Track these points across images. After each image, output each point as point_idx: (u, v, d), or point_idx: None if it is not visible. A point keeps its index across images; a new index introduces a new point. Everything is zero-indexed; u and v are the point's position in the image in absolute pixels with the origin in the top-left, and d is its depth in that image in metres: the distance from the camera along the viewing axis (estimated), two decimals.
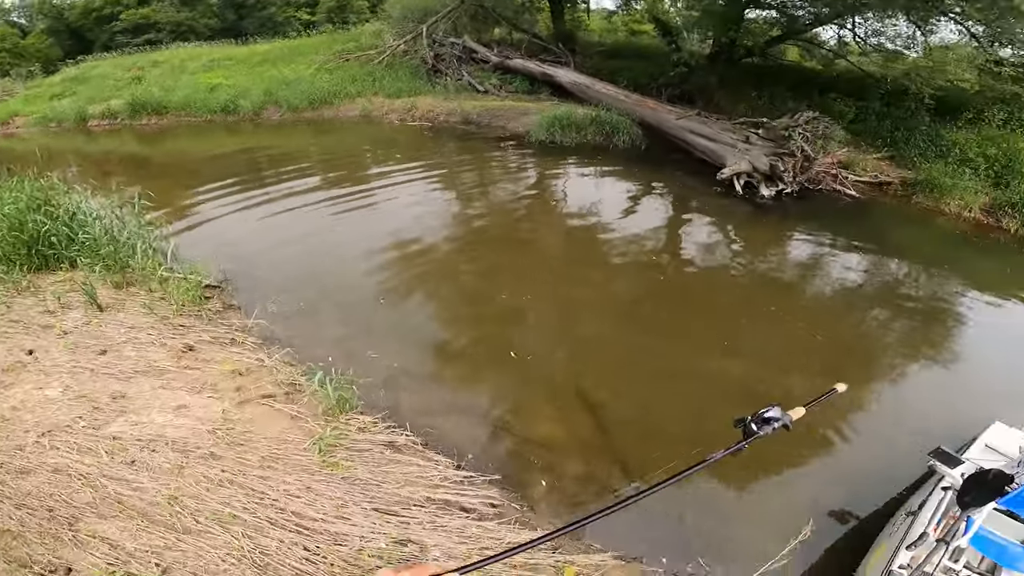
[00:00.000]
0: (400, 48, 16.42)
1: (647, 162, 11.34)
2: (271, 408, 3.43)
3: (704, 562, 3.10)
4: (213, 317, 4.61)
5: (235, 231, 6.90)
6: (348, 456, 3.04)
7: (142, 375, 3.46)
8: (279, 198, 8.17)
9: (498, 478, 3.29)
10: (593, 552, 2.84)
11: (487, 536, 2.64)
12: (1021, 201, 9.67)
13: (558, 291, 5.99)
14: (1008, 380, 5.48)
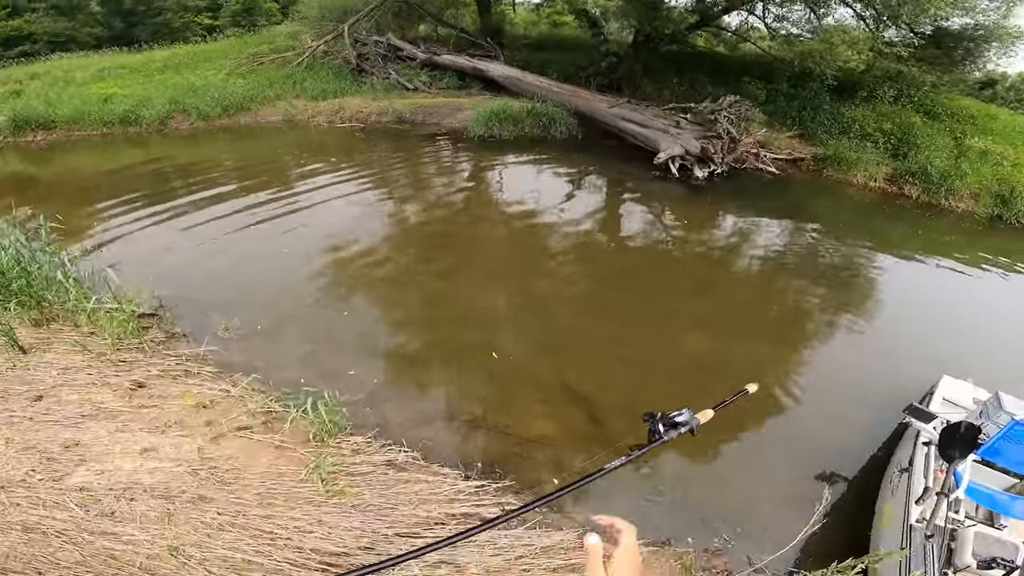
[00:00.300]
0: (320, 49, 15.63)
1: (585, 151, 11.54)
2: (251, 440, 3.10)
3: (727, 538, 3.18)
4: (157, 349, 4.12)
5: (154, 252, 6.17)
6: (351, 482, 2.81)
7: (91, 419, 3.01)
8: (197, 212, 7.42)
9: (509, 483, 3.19)
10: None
11: (520, 545, 2.53)
12: (919, 170, 10.82)
13: (520, 286, 5.96)
14: (934, 332, 6.10)
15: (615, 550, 0.84)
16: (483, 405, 4.08)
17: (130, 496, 2.40)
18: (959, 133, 11.87)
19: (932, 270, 8.19)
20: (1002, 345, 5.98)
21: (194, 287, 5.37)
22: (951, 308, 7.01)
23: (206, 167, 9.69)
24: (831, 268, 7.77)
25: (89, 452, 2.71)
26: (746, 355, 5.25)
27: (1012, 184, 10.31)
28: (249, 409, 3.39)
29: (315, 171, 9.36)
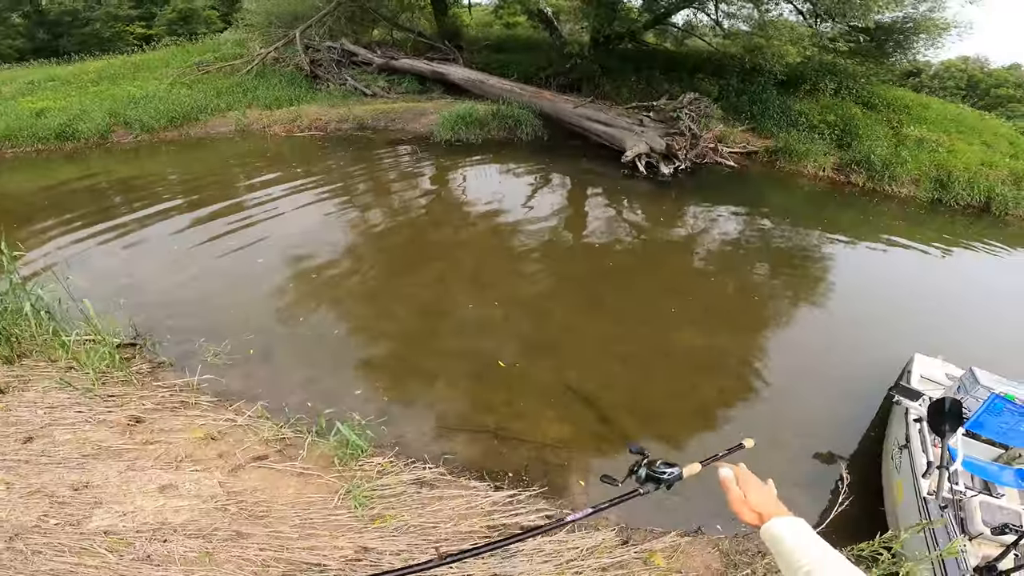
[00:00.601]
0: (271, 56, 15.08)
1: (552, 152, 11.65)
2: (270, 470, 2.97)
3: None
4: (145, 381, 3.87)
5: (115, 275, 5.75)
6: (387, 504, 2.74)
7: (94, 459, 2.79)
8: (152, 229, 6.97)
9: (538, 490, 3.19)
10: (659, 536, 2.87)
11: (566, 549, 2.55)
12: (863, 159, 11.53)
13: (507, 291, 5.94)
14: (891, 312, 6.52)
15: (737, 471, 1.17)
16: (494, 413, 4.06)
17: (162, 537, 2.25)
18: (896, 122, 12.75)
19: (882, 253, 8.76)
20: (950, 320, 6.50)
21: (168, 311, 5.06)
22: (903, 288, 7.49)
23: (157, 182, 9.14)
24: (792, 255, 8.17)
25: (103, 493, 2.51)
26: (734, 345, 5.46)
27: (948, 169, 11.15)
28: (261, 438, 3.24)
29: (275, 181, 8.98)
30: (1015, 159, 11.95)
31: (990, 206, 10.86)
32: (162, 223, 7.23)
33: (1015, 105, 24.48)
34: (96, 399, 3.46)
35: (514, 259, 6.66)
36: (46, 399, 3.36)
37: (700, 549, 2.97)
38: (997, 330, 6.42)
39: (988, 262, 9.00)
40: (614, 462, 3.77)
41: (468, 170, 10.30)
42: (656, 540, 2.86)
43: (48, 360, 3.97)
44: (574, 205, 9.27)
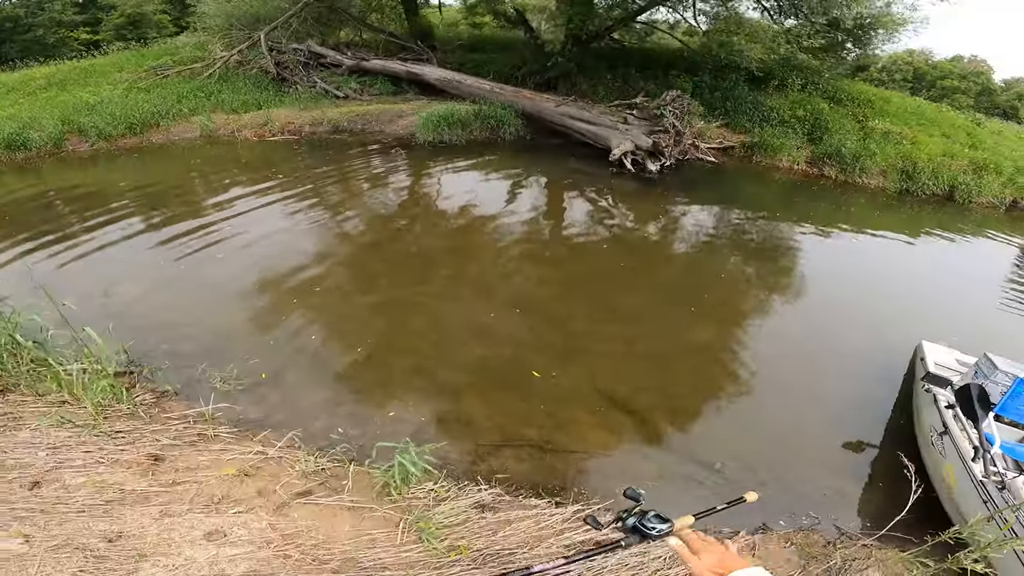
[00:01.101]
0: (234, 59, 14.40)
1: (537, 151, 11.55)
2: (319, 506, 2.71)
3: (813, 515, 3.28)
4: (152, 413, 3.51)
5: (92, 294, 5.25)
6: (455, 534, 2.54)
7: (120, 504, 2.46)
8: (125, 244, 6.44)
9: (606, 502, 3.06)
10: (732, 536, 2.86)
11: (650, 560, 2.43)
12: (834, 152, 11.93)
13: (520, 296, 5.76)
14: (873, 298, 6.73)
15: (687, 536, 1.12)
16: (535, 425, 3.90)
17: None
18: (861, 117, 13.26)
19: (865, 242, 9.07)
20: (929, 304, 6.85)
21: (159, 334, 4.65)
22: (880, 274, 7.74)
23: (120, 192, 8.42)
24: (785, 247, 8.37)
25: (143, 544, 2.21)
26: (748, 338, 5.49)
27: (914, 160, 11.68)
28: (300, 471, 2.97)
29: (255, 190, 8.46)
30: (974, 149, 12.63)
31: (954, 195, 11.44)
32: (133, 237, 6.68)
33: (960, 96, 26.04)
34: (102, 436, 3.10)
35: (521, 262, 6.50)
36: (45, 439, 2.98)
37: (774, 544, 2.98)
38: (968, 311, 6.83)
39: (955, 248, 9.45)
40: (659, 467, 3.69)
41: (457, 173, 10.04)
42: (731, 541, 2.80)
43: (35, 394, 3.55)
44: (569, 206, 9.16)
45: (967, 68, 29.87)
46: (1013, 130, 16.09)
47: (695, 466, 3.74)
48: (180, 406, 3.66)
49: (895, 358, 5.28)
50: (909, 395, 4.77)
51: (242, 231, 6.80)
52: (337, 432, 3.53)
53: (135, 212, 7.54)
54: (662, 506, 3.15)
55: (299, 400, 3.89)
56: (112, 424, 3.26)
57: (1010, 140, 14.25)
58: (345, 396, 3.99)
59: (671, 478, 3.58)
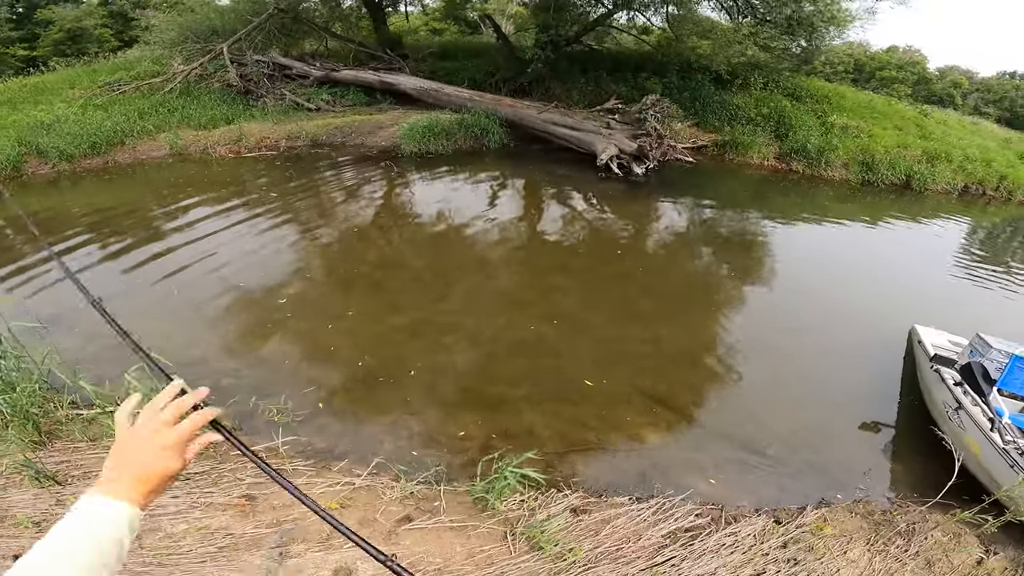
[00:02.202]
0: (195, 72, 13.90)
1: (522, 158, 11.70)
2: (424, 531, 2.76)
3: (862, 488, 3.61)
4: (222, 451, 3.45)
5: (95, 333, 5.06)
6: (563, 542, 2.66)
7: (234, 550, 2.43)
8: (122, 270, 6.21)
9: (685, 494, 3.28)
10: (802, 511, 3.23)
11: (740, 539, 2.64)
12: (800, 148, 12.66)
13: (539, 306, 5.82)
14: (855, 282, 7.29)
15: None
16: (592, 430, 4.05)
17: None
18: (820, 112, 14.10)
19: (834, 229, 9.74)
20: (900, 287, 7.45)
21: (193, 370, 4.51)
22: (863, 262, 8.36)
23: (96, 216, 7.96)
24: (776, 241, 8.87)
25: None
26: (765, 333, 5.84)
27: (872, 153, 12.53)
28: (393, 497, 3.01)
29: (246, 209, 8.21)
30: (925, 139, 13.66)
31: (910, 183, 12.35)
32: (132, 267, 6.37)
33: (898, 86, 27.91)
34: (181, 479, 3.05)
35: (536, 273, 6.62)
36: None
37: (842, 515, 3.29)
38: (930, 289, 7.64)
39: (914, 232, 10.26)
40: (713, 457, 3.93)
41: (449, 183, 10.06)
42: (802, 516, 3.18)
43: (87, 440, 3.42)
44: (567, 213, 9.28)
45: (903, 58, 32.11)
46: (954, 118, 17.47)
47: (744, 452, 4.02)
48: (244, 441, 3.60)
49: (887, 337, 5.82)
50: (913, 375, 5.21)
51: (244, 253, 6.64)
52: (412, 455, 3.58)
53: (114, 236, 7.16)
54: (732, 492, 3.45)
55: (360, 427, 3.89)
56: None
57: (955, 129, 15.47)
58: (405, 419, 4.00)
59: (729, 466, 3.84)
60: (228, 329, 5.10)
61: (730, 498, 3.50)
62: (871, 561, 2.96)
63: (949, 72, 33.01)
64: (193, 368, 4.50)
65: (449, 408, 4.17)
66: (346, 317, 5.30)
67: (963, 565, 3.01)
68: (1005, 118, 27.50)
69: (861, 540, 3.12)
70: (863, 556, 2.98)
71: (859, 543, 3.09)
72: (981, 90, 32.46)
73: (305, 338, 4.96)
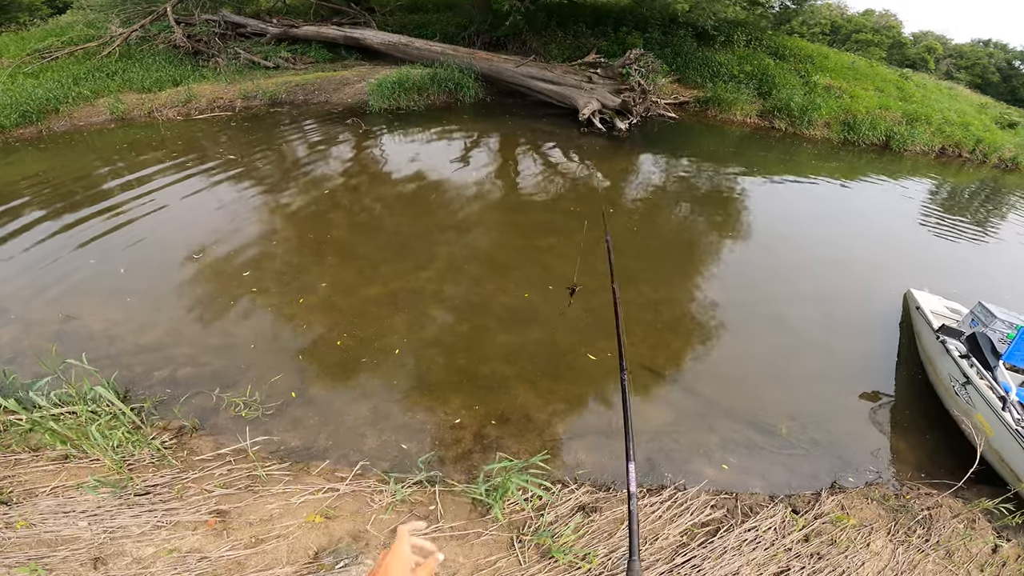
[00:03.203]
0: (135, 35, 12.70)
1: (501, 114, 11.06)
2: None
3: (874, 470, 3.45)
4: (181, 456, 3.03)
5: (40, 319, 4.47)
6: (575, 544, 2.39)
7: (225, 572, 2.10)
8: (60, 247, 5.52)
9: (701, 484, 3.05)
10: (817, 498, 3.13)
11: (761, 533, 2.43)
12: (783, 106, 12.33)
13: (537, 272, 5.46)
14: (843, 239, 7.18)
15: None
16: (594, 413, 3.78)
17: None
18: (803, 72, 13.74)
19: (820, 188, 9.62)
20: (888, 247, 7.40)
21: (138, 357, 4.00)
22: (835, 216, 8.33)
23: (33, 188, 7.15)
24: (755, 200, 8.64)
25: None
26: (756, 299, 5.62)
27: (854, 113, 12.32)
28: (383, 505, 2.68)
29: (202, 173, 7.46)
30: (904, 102, 13.51)
31: (889, 143, 12.24)
32: (64, 237, 5.69)
33: (874, 49, 27.69)
34: (140, 494, 2.64)
35: (523, 234, 6.19)
36: (73, 505, 2.48)
37: (858, 502, 3.13)
38: (918, 251, 7.70)
39: (892, 190, 10.20)
40: (722, 438, 3.71)
41: (423, 141, 9.39)
42: (819, 504, 3.03)
43: (28, 450, 2.97)
44: (549, 169, 8.74)
45: (879, 22, 31.80)
46: (932, 83, 17.40)
47: (751, 431, 3.80)
48: (208, 443, 3.19)
49: (879, 301, 5.75)
50: (912, 343, 5.06)
51: (200, 221, 6.02)
52: (401, 448, 3.24)
53: (59, 209, 6.41)
54: (743, 478, 3.26)
55: (340, 418, 3.51)
56: (142, 476, 2.78)
57: (933, 92, 15.39)
58: (389, 407, 3.63)
59: (736, 448, 3.63)
60: (185, 309, 4.57)
61: (741, 484, 3.31)
62: (894, 552, 2.81)
63: (923, 37, 32.92)
64: (146, 356, 4.01)
65: (438, 392, 3.81)
66: (319, 290, 4.83)
67: (980, 554, 2.89)
68: (976, 84, 27.73)
69: (882, 530, 2.96)
70: (886, 548, 2.84)
71: (880, 534, 2.93)
72: (954, 56, 32.56)
73: (273, 316, 4.49)
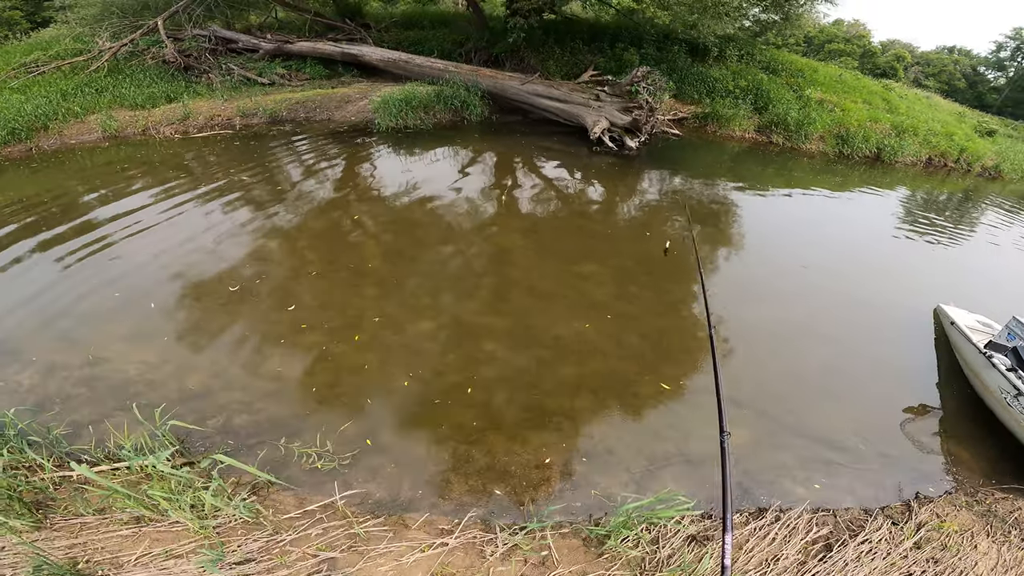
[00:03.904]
0: (125, 49, 12.32)
1: (510, 133, 11.00)
2: None
3: (946, 478, 3.48)
4: (266, 515, 2.82)
5: (65, 360, 4.17)
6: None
7: None
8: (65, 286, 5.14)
9: (804, 505, 3.00)
10: (912, 509, 3.20)
11: (881, 543, 2.39)
12: (780, 121, 12.65)
13: (576, 296, 5.36)
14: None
15: None
16: (668, 441, 3.69)
17: None
18: (795, 86, 14.13)
19: (832, 202, 9.84)
20: (907, 264, 7.59)
21: (187, 404, 3.74)
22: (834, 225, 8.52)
23: (29, 210, 6.71)
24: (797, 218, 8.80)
25: None
26: (798, 312, 5.66)
27: (846, 127, 12.71)
28: (498, 555, 2.53)
29: (227, 202, 7.08)
30: (892, 113, 14.01)
31: (880, 155, 12.66)
32: (81, 267, 5.32)
33: (846, 59, 28.75)
34: (239, 563, 2.43)
35: (561, 261, 6.06)
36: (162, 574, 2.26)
37: (948, 509, 3.24)
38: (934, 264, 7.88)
39: (886, 199, 10.55)
40: (798, 456, 3.70)
41: (440, 164, 9.22)
42: (913, 513, 3.14)
43: (94, 514, 2.71)
44: (571, 191, 8.60)
45: (849, 31, 33.14)
46: (912, 93, 18.15)
47: (823, 448, 3.85)
48: (289, 499, 2.98)
49: (908, 317, 5.89)
50: (951, 357, 5.17)
51: (229, 250, 5.75)
52: (495, 494, 3.09)
53: (77, 233, 6.02)
54: (834, 495, 3.28)
55: (421, 465, 3.31)
56: (235, 540, 2.56)
57: (915, 103, 16.03)
58: (468, 449, 3.45)
59: (816, 465, 3.67)
60: (228, 349, 4.32)
61: (833, 500, 3.35)
62: (1000, 552, 2.94)
63: (891, 45, 34.44)
64: (195, 404, 3.75)
65: (513, 430, 3.67)
66: (370, 324, 4.63)
67: None
68: (943, 91, 29.08)
69: (982, 533, 3.12)
70: (991, 548, 2.99)
71: (981, 536, 3.10)
72: (921, 63, 34.14)
73: (327, 355, 4.28)
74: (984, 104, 30.09)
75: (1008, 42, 33.53)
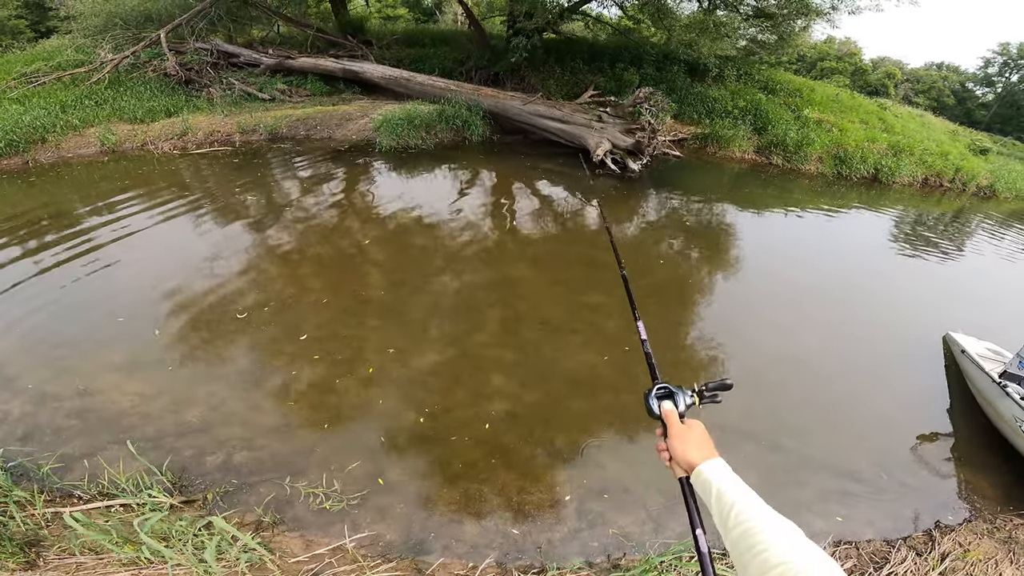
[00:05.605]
0: (126, 61, 12.28)
1: (512, 154, 10.99)
2: None
3: (964, 506, 3.41)
4: (278, 561, 2.68)
5: (53, 392, 4.02)
6: None
7: None
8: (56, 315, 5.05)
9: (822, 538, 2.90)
10: (933, 538, 3.18)
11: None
12: (778, 142, 12.75)
13: (593, 331, 5.22)
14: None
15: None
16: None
17: None
18: (793, 106, 14.30)
19: (814, 218, 9.89)
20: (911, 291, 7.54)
21: (184, 439, 3.58)
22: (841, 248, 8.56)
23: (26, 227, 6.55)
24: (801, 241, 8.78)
25: None
26: (816, 342, 5.58)
27: (844, 147, 12.83)
28: None
29: (228, 223, 6.96)
30: (888, 133, 14.17)
31: (878, 176, 12.77)
32: (76, 288, 5.20)
33: (838, 76, 29.22)
34: None
35: (568, 290, 5.93)
36: None
37: (970, 537, 3.24)
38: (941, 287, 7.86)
39: (882, 219, 10.63)
40: (818, 490, 3.61)
41: (443, 186, 9.15)
42: (935, 544, 3.13)
43: (89, 552, 2.57)
44: (575, 215, 8.38)
45: (841, 49, 33.77)
46: (906, 111, 18.41)
47: (840, 479, 3.77)
48: (295, 541, 2.84)
49: (917, 344, 5.83)
50: (962, 385, 5.13)
51: (236, 274, 5.64)
52: (512, 533, 2.96)
53: (73, 254, 5.90)
54: (861, 528, 3.18)
55: (431, 505, 3.18)
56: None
57: (909, 121, 16.25)
58: (479, 488, 3.32)
59: (833, 497, 3.59)
60: (227, 380, 4.18)
61: (852, 533, 3.30)
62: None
63: (881, 63, 35.10)
64: (192, 439, 3.59)
65: (524, 468, 3.54)
66: (375, 357, 4.50)
67: None
68: (933, 107, 29.56)
69: (1005, 560, 3.11)
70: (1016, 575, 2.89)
71: (1005, 563, 3.09)
72: (911, 80, 34.78)
73: (330, 389, 4.13)
74: (973, 120, 30.59)
75: (996, 57, 34.22)
